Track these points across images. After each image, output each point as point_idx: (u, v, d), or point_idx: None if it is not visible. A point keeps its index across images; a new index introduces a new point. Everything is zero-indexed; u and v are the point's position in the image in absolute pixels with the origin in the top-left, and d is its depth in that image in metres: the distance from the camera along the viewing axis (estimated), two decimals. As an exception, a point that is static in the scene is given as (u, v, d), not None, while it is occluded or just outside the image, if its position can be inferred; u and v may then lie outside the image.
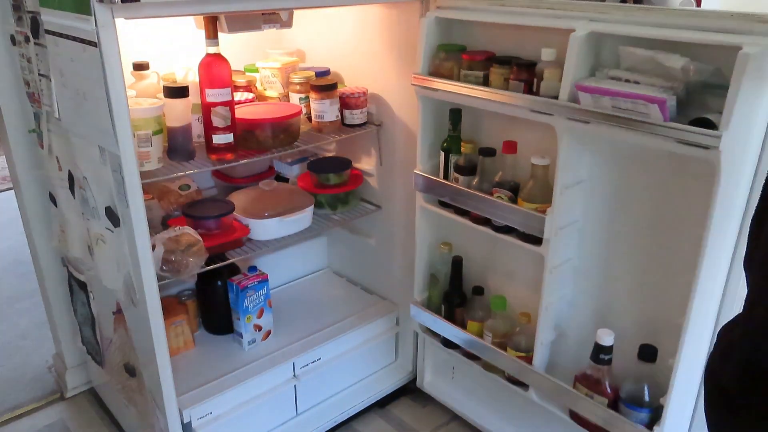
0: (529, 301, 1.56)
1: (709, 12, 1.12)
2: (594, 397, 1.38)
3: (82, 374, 2.04)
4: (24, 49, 1.48)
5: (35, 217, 1.81)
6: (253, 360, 1.71)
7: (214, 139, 1.50)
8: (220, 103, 1.48)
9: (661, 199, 1.30)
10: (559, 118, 1.28)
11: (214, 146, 1.51)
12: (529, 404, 1.59)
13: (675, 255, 1.29)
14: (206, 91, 1.47)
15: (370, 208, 1.94)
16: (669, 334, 1.27)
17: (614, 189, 1.38)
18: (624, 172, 1.35)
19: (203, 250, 1.50)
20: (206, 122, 1.50)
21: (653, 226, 1.33)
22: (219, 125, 1.48)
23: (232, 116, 1.51)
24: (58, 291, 1.91)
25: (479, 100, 1.43)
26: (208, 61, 1.46)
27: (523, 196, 1.42)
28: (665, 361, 1.27)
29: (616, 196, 1.38)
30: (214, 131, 1.50)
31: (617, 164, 1.36)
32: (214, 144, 1.51)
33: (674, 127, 1.11)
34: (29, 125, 1.66)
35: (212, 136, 1.50)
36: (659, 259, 1.33)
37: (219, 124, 1.48)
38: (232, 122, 1.51)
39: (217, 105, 1.47)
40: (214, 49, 1.46)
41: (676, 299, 1.25)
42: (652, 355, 1.28)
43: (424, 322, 1.78)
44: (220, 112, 1.46)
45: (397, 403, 1.99)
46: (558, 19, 1.29)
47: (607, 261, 1.43)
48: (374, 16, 1.72)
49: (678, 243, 1.28)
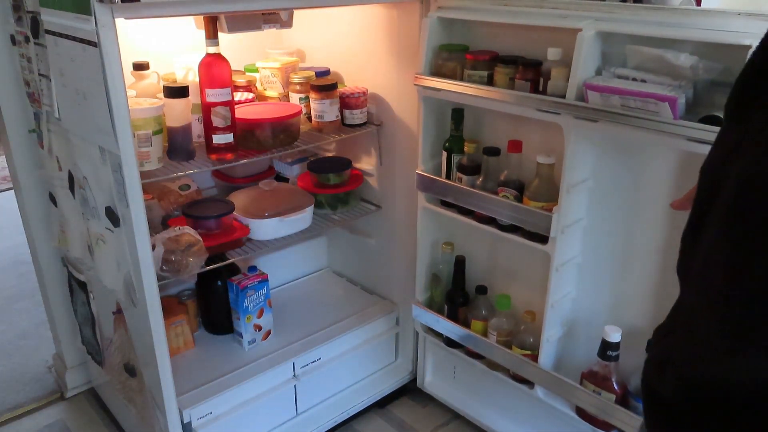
0: (534, 299, 1.57)
1: (716, 11, 1.13)
2: (602, 393, 1.39)
3: (82, 374, 2.04)
4: (24, 49, 1.48)
5: (35, 217, 1.81)
6: (253, 360, 1.71)
7: (215, 139, 1.50)
8: (220, 103, 1.47)
9: (666, 196, 1.31)
10: (567, 116, 1.29)
11: (215, 146, 1.51)
12: (532, 402, 1.60)
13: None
14: (206, 91, 1.46)
15: (370, 208, 1.93)
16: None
17: (619, 187, 1.38)
18: (629, 170, 1.36)
19: (203, 250, 1.50)
20: (206, 122, 1.49)
21: (659, 224, 1.34)
22: (219, 125, 1.48)
23: (232, 116, 1.51)
24: (58, 291, 1.91)
25: (484, 100, 1.43)
26: (208, 61, 1.46)
27: (528, 195, 1.42)
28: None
29: (622, 193, 1.38)
30: (214, 131, 1.49)
31: (622, 162, 1.36)
32: (214, 144, 1.51)
33: (685, 125, 1.11)
34: (29, 125, 1.66)
35: (212, 136, 1.50)
36: (664, 257, 1.34)
37: (219, 124, 1.48)
38: (232, 122, 1.51)
39: (217, 105, 1.47)
40: (214, 48, 1.46)
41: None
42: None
43: (427, 322, 1.78)
44: (220, 112, 1.46)
45: (397, 403, 1.99)
46: (564, 18, 1.29)
47: (613, 259, 1.44)
48: (374, 16, 1.72)
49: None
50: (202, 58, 1.46)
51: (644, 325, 1.40)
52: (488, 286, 1.67)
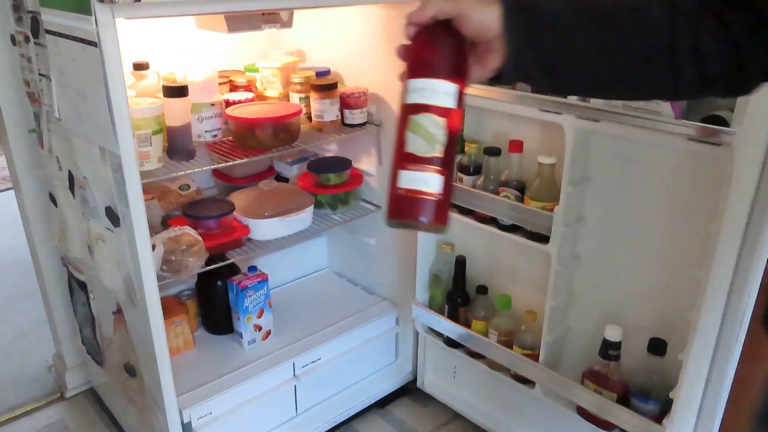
0: (534, 299, 1.57)
1: None
2: (603, 392, 1.39)
3: (82, 374, 2.04)
4: (24, 49, 1.48)
5: (35, 217, 1.81)
6: (253, 360, 1.71)
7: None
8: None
9: (667, 195, 1.31)
10: (569, 116, 1.29)
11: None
12: (533, 401, 1.60)
13: (681, 251, 1.30)
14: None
15: (370, 208, 1.93)
16: (677, 330, 1.29)
17: (620, 186, 1.38)
18: (630, 170, 1.36)
19: (203, 250, 1.50)
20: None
21: (660, 223, 1.34)
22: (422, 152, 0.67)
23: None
24: (58, 291, 1.91)
25: (486, 100, 1.43)
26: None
27: (530, 195, 1.42)
28: (674, 356, 1.28)
29: (623, 193, 1.38)
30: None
31: (624, 162, 1.36)
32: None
33: (686, 124, 1.11)
34: (29, 125, 1.66)
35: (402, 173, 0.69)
36: (666, 256, 1.34)
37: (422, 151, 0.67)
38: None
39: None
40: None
41: (683, 295, 1.26)
42: (662, 349, 1.30)
43: (427, 322, 1.78)
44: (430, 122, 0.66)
45: (397, 403, 1.99)
46: None
47: (614, 258, 1.44)
48: (374, 16, 1.72)
49: (685, 239, 1.29)
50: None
51: (645, 324, 1.40)
52: (489, 286, 1.67)
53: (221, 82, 1.72)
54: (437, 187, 0.66)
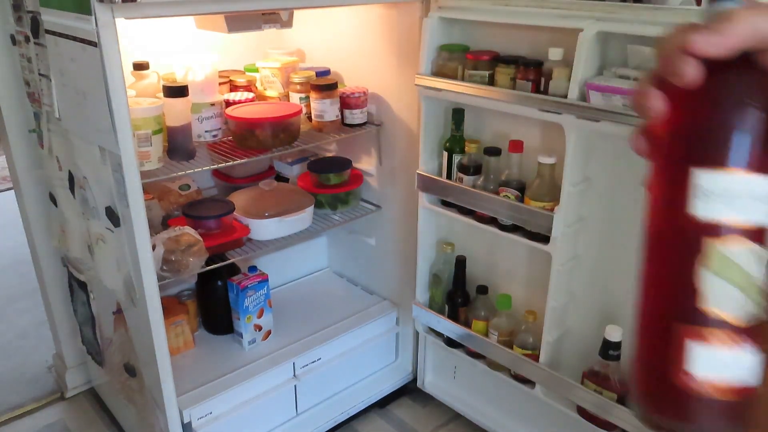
0: (534, 299, 1.57)
1: None
2: (603, 392, 1.39)
3: (82, 374, 2.03)
4: (24, 49, 1.48)
5: (35, 217, 1.81)
6: (253, 360, 1.71)
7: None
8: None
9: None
10: (569, 116, 1.29)
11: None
12: (533, 401, 1.60)
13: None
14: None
15: (370, 208, 1.93)
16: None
17: (621, 186, 1.38)
18: (631, 170, 1.36)
19: (203, 250, 1.50)
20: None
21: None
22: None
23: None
24: (58, 291, 1.91)
25: (485, 100, 1.43)
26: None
27: (530, 195, 1.42)
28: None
29: (623, 193, 1.38)
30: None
31: (624, 162, 1.36)
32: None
33: None
34: (29, 125, 1.66)
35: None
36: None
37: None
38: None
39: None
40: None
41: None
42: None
43: (427, 322, 1.78)
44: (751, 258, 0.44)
45: (397, 403, 1.99)
46: (565, 18, 1.29)
47: (614, 258, 1.44)
48: (374, 16, 1.72)
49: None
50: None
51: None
52: (489, 286, 1.67)
53: (221, 82, 1.72)
54: (754, 376, 0.40)
